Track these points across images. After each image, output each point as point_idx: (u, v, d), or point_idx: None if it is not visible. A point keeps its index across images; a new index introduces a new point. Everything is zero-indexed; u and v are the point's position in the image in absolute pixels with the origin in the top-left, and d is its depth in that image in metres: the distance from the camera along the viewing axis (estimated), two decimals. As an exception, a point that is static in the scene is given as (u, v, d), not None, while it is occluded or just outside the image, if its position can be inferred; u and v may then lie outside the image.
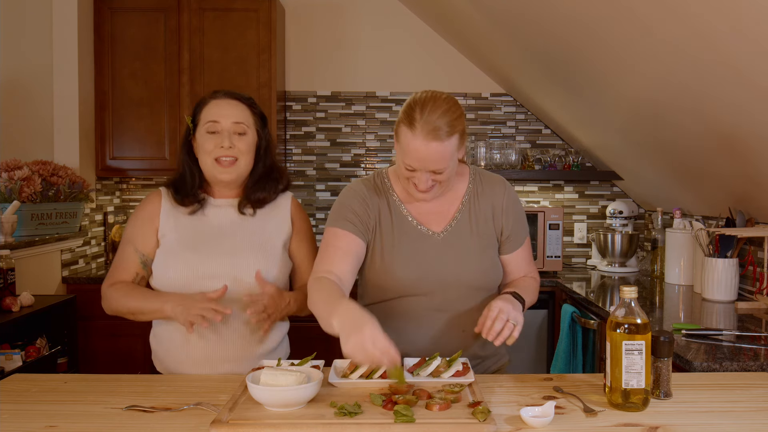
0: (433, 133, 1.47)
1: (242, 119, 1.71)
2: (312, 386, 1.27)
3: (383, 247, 1.64)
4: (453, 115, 1.51)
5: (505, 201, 1.69)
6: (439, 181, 1.57)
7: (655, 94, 2.38)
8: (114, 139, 3.42)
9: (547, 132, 3.79)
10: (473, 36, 3.33)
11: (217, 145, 1.68)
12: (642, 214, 3.72)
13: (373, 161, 3.80)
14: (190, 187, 1.74)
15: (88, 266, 3.39)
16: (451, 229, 1.66)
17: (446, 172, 1.55)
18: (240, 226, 1.73)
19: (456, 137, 1.52)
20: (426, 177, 1.54)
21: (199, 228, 1.72)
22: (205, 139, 1.69)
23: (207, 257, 1.67)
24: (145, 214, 1.74)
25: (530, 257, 1.77)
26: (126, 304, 1.67)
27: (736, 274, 2.46)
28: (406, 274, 1.62)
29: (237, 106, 1.72)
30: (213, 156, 1.68)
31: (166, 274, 1.67)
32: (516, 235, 1.70)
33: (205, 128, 1.69)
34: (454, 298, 1.63)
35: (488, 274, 1.67)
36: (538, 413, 1.21)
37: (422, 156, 1.50)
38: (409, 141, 1.50)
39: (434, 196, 1.62)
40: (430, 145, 1.48)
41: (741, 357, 1.68)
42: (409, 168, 1.54)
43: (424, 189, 1.56)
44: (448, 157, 1.52)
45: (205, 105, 1.72)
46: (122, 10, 3.38)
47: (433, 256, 1.63)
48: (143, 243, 1.72)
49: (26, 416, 1.26)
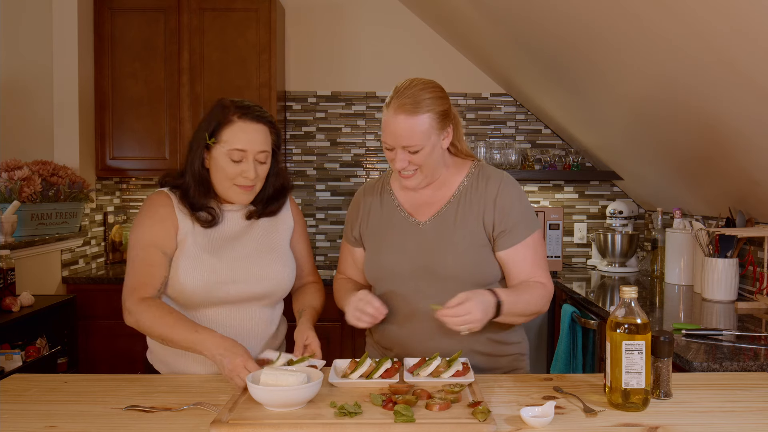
0: (402, 107, 1.54)
1: (266, 147, 1.64)
2: (312, 386, 1.27)
3: (371, 237, 1.73)
4: (428, 95, 1.56)
5: (499, 196, 1.64)
6: (418, 164, 1.59)
7: (655, 93, 2.38)
8: (114, 139, 3.42)
9: (547, 132, 3.79)
10: (473, 36, 3.33)
11: (240, 173, 1.61)
12: (642, 214, 3.72)
13: (373, 161, 3.80)
14: (202, 200, 1.66)
15: (88, 266, 3.39)
16: (435, 219, 1.67)
17: (422, 153, 1.57)
18: (250, 228, 1.72)
19: (429, 116, 1.56)
20: (402, 155, 1.58)
21: (212, 233, 1.67)
22: (227, 164, 1.61)
23: (226, 262, 1.64)
24: (161, 216, 1.65)
25: (537, 260, 1.65)
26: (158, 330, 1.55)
27: (736, 274, 2.46)
28: (388, 261, 1.67)
29: (262, 132, 1.63)
30: (234, 182, 1.62)
31: (190, 281, 1.60)
32: (514, 230, 1.63)
33: (229, 154, 1.60)
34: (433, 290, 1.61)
35: (472, 269, 1.62)
36: (538, 413, 1.21)
37: (392, 130, 1.56)
38: (384, 117, 1.59)
39: (418, 182, 1.64)
40: (398, 118, 1.55)
41: (741, 357, 1.68)
42: (386, 147, 1.61)
43: (399, 167, 1.59)
44: (419, 133, 1.55)
45: (231, 124, 1.61)
46: (122, 10, 3.38)
47: (415, 245, 1.65)
48: (168, 245, 1.63)
49: (26, 416, 1.26)
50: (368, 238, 1.74)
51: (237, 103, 1.64)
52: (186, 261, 1.61)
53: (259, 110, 1.65)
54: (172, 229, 1.64)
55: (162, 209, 1.65)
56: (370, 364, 1.45)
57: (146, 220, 1.64)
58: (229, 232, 1.69)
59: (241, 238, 1.70)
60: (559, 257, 3.30)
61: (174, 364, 1.68)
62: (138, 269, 1.61)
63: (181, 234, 1.64)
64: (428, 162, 1.60)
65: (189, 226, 1.65)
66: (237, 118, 1.61)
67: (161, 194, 1.68)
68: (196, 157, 1.64)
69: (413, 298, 1.64)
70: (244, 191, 1.64)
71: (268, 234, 1.74)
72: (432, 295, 1.60)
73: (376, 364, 1.45)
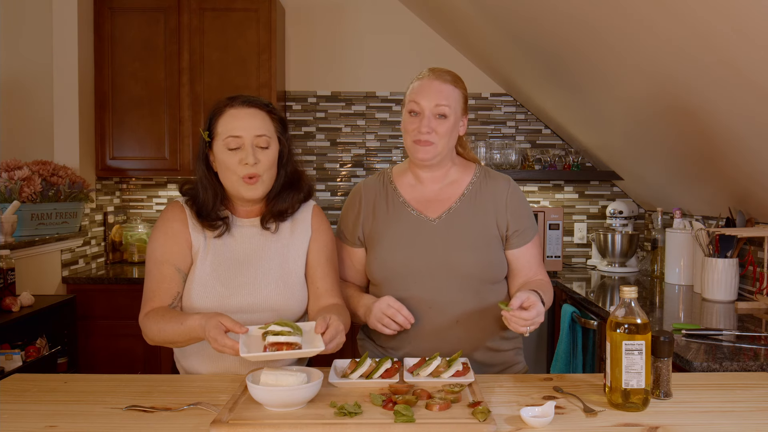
0: (440, 76, 1.66)
1: (264, 131, 1.58)
2: (312, 386, 1.27)
3: (378, 234, 1.70)
4: (458, 78, 1.70)
5: (509, 197, 1.71)
6: (440, 134, 1.62)
7: (655, 93, 2.38)
8: (114, 139, 3.42)
9: (547, 132, 3.79)
10: (473, 36, 3.33)
11: (241, 162, 1.55)
12: (642, 214, 3.72)
13: (373, 161, 3.80)
14: (212, 205, 1.61)
15: (88, 266, 3.39)
16: (447, 216, 1.68)
17: (448, 122, 1.63)
18: (263, 250, 1.64)
19: (460, 93, 1.68)
20: (428, 121, 1.62)
21: (225, 253, 1.62)
22: (226, 156, 1.57)
23: (233, 290, 1.59)
24: (174, 230, 1.62)
25: (540, 258, 1.77)
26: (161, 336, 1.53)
27: (736, 274, 2.46)
28: (400, 258, 1.65)
29: (256, 115, 1.59)
30: (238, 174, 1.56)
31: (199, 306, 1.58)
32: (525, 230, 1.71)
33: (225, 143, 1.56)
34: (448, 287, 1.63)
35: (486, 266, 1.66)
36: (538, 413, 1.21)
37: (428, 90, 1.63)
38: (417, 84, 1.67)
39: (432, 155, 1.65)
40: (435, 82, 1.64)
41: (741, 357, 1.68)
42: (413, 109, 1.65)
43: (425, 131, 1.62)
44: (453, 98, 1.64)
45: (222, 115, 1.59)
46: (122, 10, 3.38)
47: (424, 240, 1.66)
48: (183, 261, 1.60)
49: (26, 416, 1.26)
50: (375, 236, 1.71)
51: (230, 96, 1.63)
52: (196, 287, 1.59)
53: (251, 96, 1.64)
54: (185, 245, 1.61)
55: (176, 224, 1.62)
56: (370, 364, 1.45)
57: (160, 237, 1.62)
58: (241, 254, 1.63)
59: (252, 260, 1.63)
60: (559, 257, 3.30)
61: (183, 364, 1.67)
62: (150, 285, 1.61)
63: (195, 248, 1.62)
64: (448, 136, 1.65)
65: (202, 241, 1.62)
66: (225, 106, 1.61)
67: (176, 207, 1.65)
68: (200, 160, 1.63)
69: (426, 296, 1.64)
70: (252, 186, 1.58)
71: (281, 255, 1.65)
72: (445, 292, 1.63)
73: (376, 364, 1.45)
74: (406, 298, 1.64)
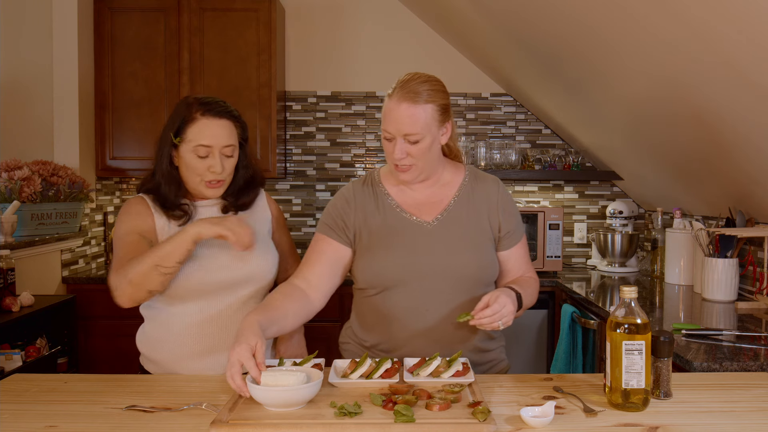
0: (406, 96, 1.55)
1: (232, 140, 1.68)
2: (312, 386, 1.27)
3: (371, 239, 1.65)
4: (431, 87, 1.58)
5: (500, 198, 1.71)
6: (416, 157, 1.58)
7: (655, 93, 2.38)
8: (114, 139, 3.42)
9: (547, 132, 3.79)
10: (473, 36, 3.33)
11: (209, 169, 1.66)
12: (642, 214, 3.72)
13: (373, 161, 3.80)
14: (174, 196, 1.70)
15: (88, 266, 3.39)
16: (443, 218, 1.66)
17: (422, 145, 1.57)
18: None
19: (432, 107, 1.57)
20: (401, 145, 1.57)
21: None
22: (194, 161, 1.65)
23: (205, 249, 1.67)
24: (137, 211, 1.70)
25: (528, 257, 1.78)
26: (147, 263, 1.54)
27: (736, 274, 2.46)
28: (395, 261, 1.62)
29: (226, 127, 1.67)
30: (203, 177, 1.67)
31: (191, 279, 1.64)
32: (514, 231, 1.72)
33: (195, 150, 1.64)
34: (444, 289, 1.62)
35: (483, 267, 1.65)
36: (538, 413, 1.21)
37: (395, 117, 1.56)
38: (386, 106, 1.59)
39: (414, 177, 1.63)
40: (401, 105, 1.55)
41: (741, 357, 1.68)
42: (386, 137, 1.60)
43: (398, 158, 1.58)
44: (421, 122, 1.55)
45: (194, 122, 1.65)
46: (122, 10, 3.38)
47: (423, 243, 1.63)
48: (148, 232, 1.67)
49: (26, 416, 1.26)
50: (368, 241, 1.65)
51: (200, 100, 1.67)
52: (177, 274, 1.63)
53: (222, 105, 1.69)
54: (150, 221, 1.69)
55: (137, 207, 1.71)
56: (370, 364, 1.45)
57: (123, 217, 1.71)
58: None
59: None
60: (559, 257, 3.30)
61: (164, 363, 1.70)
62: (119, 254, 1.65)
63: (158, 227, 1.69)
64: (426, 156, 1.60)
65: (165, 223, 1.69)
66: (200, 115, 1.66)
67: (136, 198, 1.74)
68: (163, 156, 1.70)
69: (423, 299, 1.62)
70: (214, 188, 1.69)
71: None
72: (443, 295, 1.62)
73: (376, 364, 1.45)
74: (403, 301, 1.62)
